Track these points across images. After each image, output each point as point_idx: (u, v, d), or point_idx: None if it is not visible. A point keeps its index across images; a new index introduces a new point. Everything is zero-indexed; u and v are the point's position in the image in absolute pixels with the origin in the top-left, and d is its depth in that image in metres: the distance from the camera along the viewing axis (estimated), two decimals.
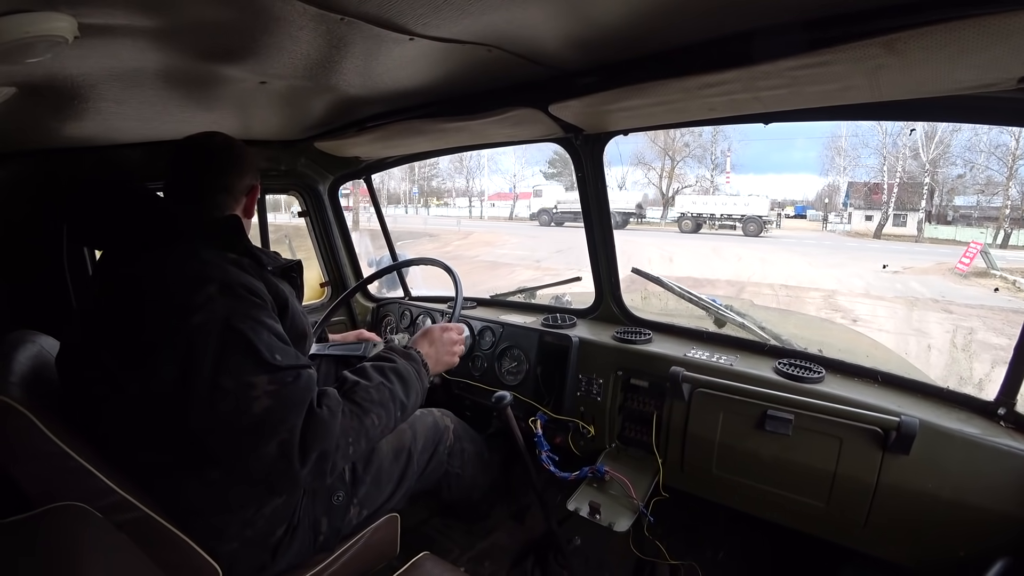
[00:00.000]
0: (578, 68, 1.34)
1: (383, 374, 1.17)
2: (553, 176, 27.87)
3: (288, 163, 2.29)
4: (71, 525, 0.83)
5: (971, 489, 1.18)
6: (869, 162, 21.01)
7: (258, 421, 0.94)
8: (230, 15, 0.88)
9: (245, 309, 1.00)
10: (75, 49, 0.88)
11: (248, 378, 0.95)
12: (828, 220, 21.96)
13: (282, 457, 0.94)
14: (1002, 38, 0.81)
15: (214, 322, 0.95)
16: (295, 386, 0.99)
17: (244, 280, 1.03)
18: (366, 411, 1.08)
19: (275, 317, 1.07)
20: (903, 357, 2.57)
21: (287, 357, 1.01)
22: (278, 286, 1.14)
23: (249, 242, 1.16)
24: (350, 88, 1.43)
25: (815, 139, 34.41)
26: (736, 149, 26.23)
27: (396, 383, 1.17)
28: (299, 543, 1.23)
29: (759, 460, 1.42)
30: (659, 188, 25.88)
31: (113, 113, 1.39)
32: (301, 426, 0.96)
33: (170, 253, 1.04)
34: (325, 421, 0.99)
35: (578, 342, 1.83)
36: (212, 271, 1.01)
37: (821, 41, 0.94)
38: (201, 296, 0.96)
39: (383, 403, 1.12)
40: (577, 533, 1.84)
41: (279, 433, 0.94)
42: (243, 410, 0.93)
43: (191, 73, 1.18)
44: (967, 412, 1.31)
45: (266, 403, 0.94)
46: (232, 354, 0.95)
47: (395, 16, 0.93)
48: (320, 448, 0.98)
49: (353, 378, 1.13)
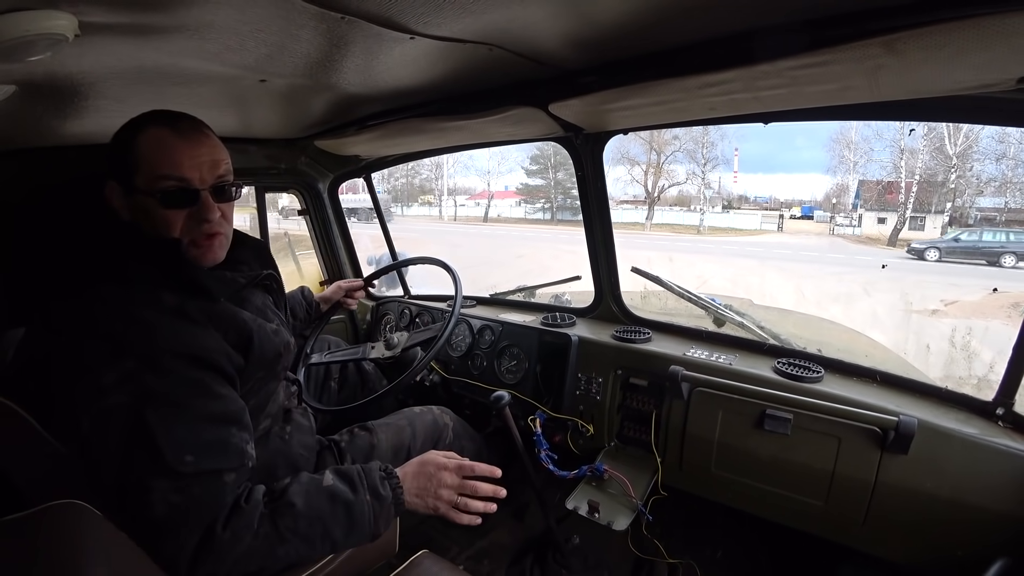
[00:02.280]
0: (578, 67, 1.34)
1: (332, 504, 0.99)
2: (536, 174, 25.97)
3: (288, 161, 2.29)
4: (71, 523, 0.83)
5: (969, 489, 1.19)
6: (883, 157, 17.28)
7: (154, 526, 0.84)
8: (231, 13, 0.88)
9: (166, 392, 0.87)
10: (75, 47, 0.88)
11: (148, 482, 0.84)
12: (836, 222, 19.43)
13: (171, 567, 0.85)
14: (1001, 38, 0.81)
15: (123, 410, 0.84)
16: (200, 499, 0.87)
17: (178, 344, 0.90)
18: (283, 540, 0.92)
19: (216, 388, 0.94)
20: (902, 357, 2.57)
21: (204, 458, 0.88)
22: (236, 316, 1.02)
23: (194, 271, 0.99)
24: (350, 87, 1.43)
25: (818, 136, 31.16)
26: (742, 147, 23.94)
27: (339, 522, 0.98)
28: None
29: (758, 459, 1.43)
30: (644, 186, 22.60)
31: (114, 111, 1.39)
32: (195, 544, 0.86)
33: (90, 296, 0.91)
34: (223, 546, 0.87)
35: (577, 341, 1.83)
36: (136, 337, 0.87)
37: (821, 41, 0.94)
38: (115, 373, 0.85)
39: (308, 538, 0.95)
40: (576, 532, 1.84)
41: (169, 547, 0.85)
42: (140, 511, 0.84)
43: (191, 71, 1.18)
44: (966, 412, 1.31)
45: (162, 511, 0.84)
46: (136, 451, 0.84)
47: (396, 15, 0.93)
48: (210, 569, 0.87)
49: (292, 497, 0.96)
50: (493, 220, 26.38)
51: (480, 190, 28.53)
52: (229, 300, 1.05)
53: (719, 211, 22.54)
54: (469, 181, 29.17)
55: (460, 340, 2.17)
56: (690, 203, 22.40)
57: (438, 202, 28.76)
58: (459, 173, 28.87)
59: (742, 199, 24.44)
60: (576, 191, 1.87)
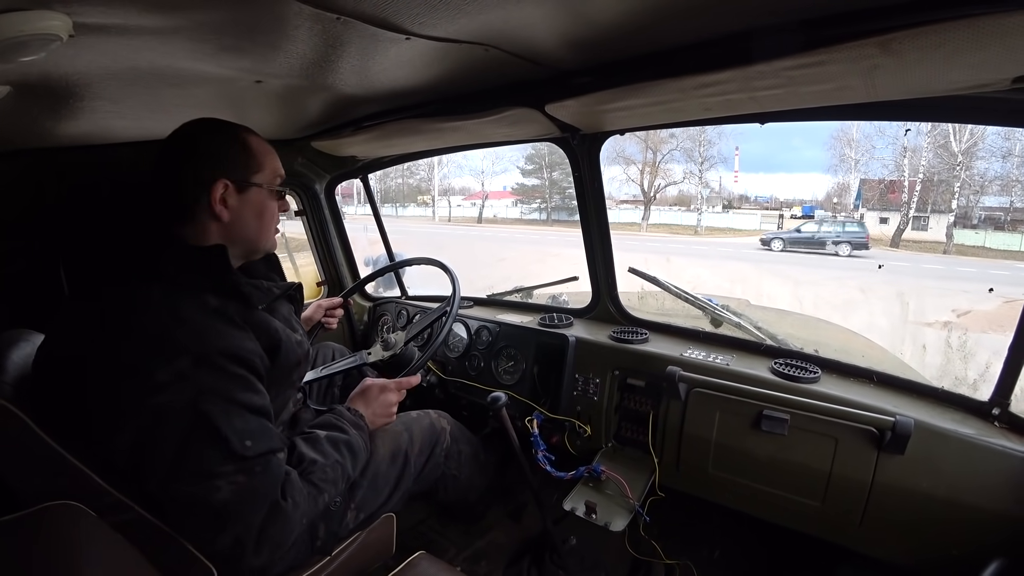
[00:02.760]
0: (575, 68, 1.34)
1: (338, 449, 1.15)
2: (531, 173, 24.66)
3: (284, 162, 2.27)
4: (67, 524, 0.82)
5: (966, 489, 1.19)
6: (885, 155, 16.36)
7: (216, 513, 0.88)
8: (226, 14, 0.88)
9: (219, 387, 0.92)
10: (70, 48, 0.87)
11: (212, 468, 0.88)
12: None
13: (236, 548, 0.90)
14: (996, 38, 0.81)
15: (181, 404, 0.88)
16: (263, 477, 0.93)
17: (224, 344, 0.94)
18: (321, 491, 1.07)
19: (257, 385, 0.99)
20: (898, 357, 2.57)
21: (259, 442, 0.94)
22: (270, 325, 1.08)
23: (237, 278, 1.05)
24: (346, 87, 1.43)
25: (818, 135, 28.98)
26: (743, 147, 22.85)
27: (348, 459, 1.16)
28: (296, 548, 1.22)
29: (755, 460, 1.43)
30: (640, 185, 21.45)
31: (108, 112, 1.38)
32: (262, 520, 0.92)
33: (142, 298, 0.94)
34: (288, 515, 0.95)
35: (575, 342, 1.83)
36: (187, 337, 0.91)
37: (816, 41, 0.94)
38: (169, 372, 0.88)
39: (335, 481, 1.12)
40: (573, 533, 1.84)
41: (237, 527, 0.89)
42: (201, 498, 0.87)
43: (187, 72, 1.18)
44: (962, 412, 1.32)
45: (227, 495, 0.88)
46: (197, 441, 0.88)
47: (391, 16, 0.93)
48: (277, 541, 0.94)
49: (311, 454, 1.09)
50: (489, 221, 25.36)
51: (478, 190, 27.25)
52: (263, 309, 1.11)
53: (719, 211, 21.74)
54: (466, 181, 27.90)
55: (457, 341, 2.17)
56: (690, 203, 21.46)
57: (432, 203, 27.70)
58: (453, 174, 27.44)
59: (743, 199, 23.42)
60: (572, 190, 1.87)
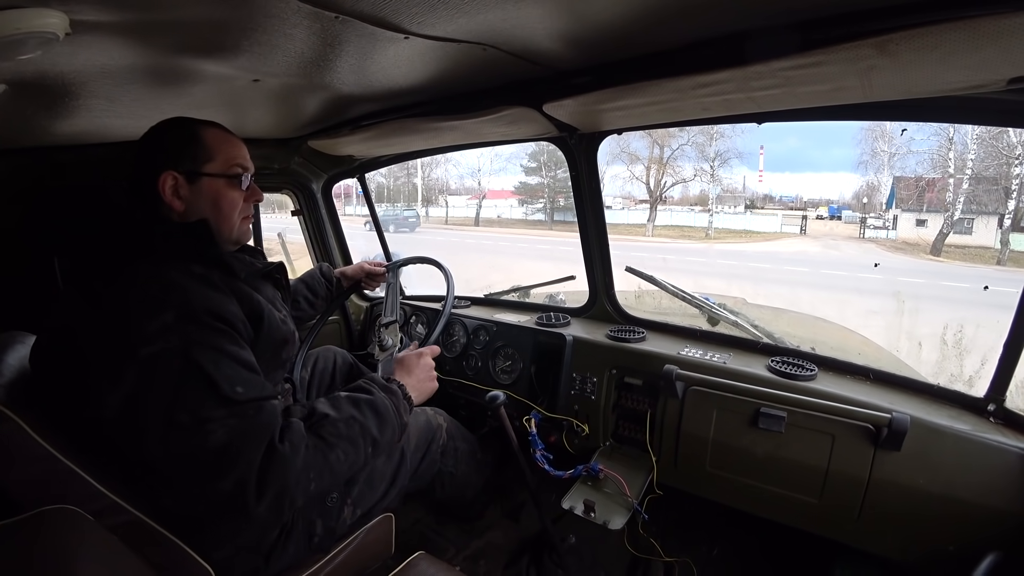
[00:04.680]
0: (572, 67, 1.34)
1: (357, 407, 1.12)
2: (535, 172, 21.72)
3: (281, 162, 2.27)
4: (64, 528, 0.82)
5: (961, 484, 1.20)
6: (924, 148, 12.55)
7: (214, 456, 0.89)
8: (223, 12, 0.87)
9: (206, 338, 0.94)
10: (66, 46, 0.87)
11: (205, 412, 0.90)
12: (867, 224, 15.38)
13: (238, 494, 0.90)
14: (992, 40, 0.82)
15: (170, 353, 0.90)
16: (256, 419, 0.94)
17: (208, 303, 0.97)
18: (331, 446, 1.03)
19: (241, 343, 1.02)
20: (894, 354, 2.59)
21: (250, 388, 0.96)
22: (252, 296, 1.10)
23: (219, 249, 1.11)
24: (344, 86, 1.43)
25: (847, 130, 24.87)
26: (768, 145, 20.00)
27: (370, 418, 1.11)
28: (294, 546, 1.22)
29: (752, 457, 1.44)
30: (645, 184, 18.84)
31: (104, 111, 1.38)
32: (260, 461, 0.91)
33: (129, 272, 0.98)
34: (286, 457, 0.94)
35: (572, 341, 1.84)
36: (171, 295, 0.94)
37: (813, 42, 0.95)
38: (155, 325, 0.90)
39: (351, 439, 1.06)
40: (572, 531, 1.84)
41: (236, 469, 0.90)
42: (199, 444, 0.89)
43: (184, 71, 1.18)
44: (957, 408, 1.33)
45: (223, 438, 0.90)
46: (189, 388, 0.90)
47: (390, 15, 0.93)
48: (279, 485, 0.93)
49: (322, 410, 1.08)
50: (493, 223, 22.76)
51: (485, 190, 24.38)
52: (245, 283, 1.13)
53: (740, 211, 19.31)
54: (471, 181, 25.91)
55: (455, 340, 2.17)
56: (707, 202, 18.68)
57: (425, 204, 24.62)
58: (448, 172, 24.59)
59: (767, 198, 20.85)
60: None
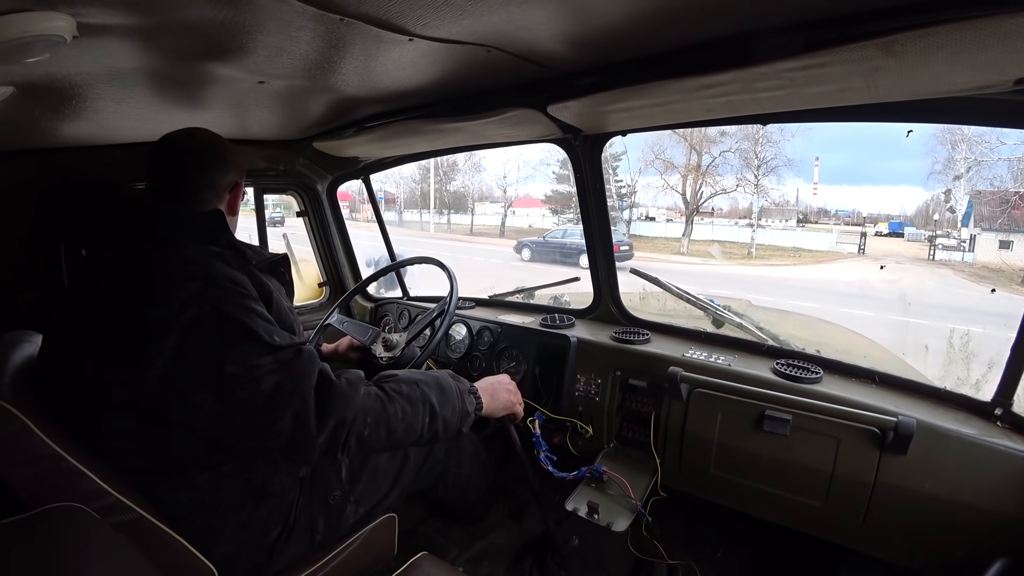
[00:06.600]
0: (577, 69, 1.34)
1: (422, 377, 1.18)
2: (565, 180, 17.66)
3: (286, 163, 2.28)
4: (68, 526, 0.83)
5: (968, 489, 1.19)
6: (1012, 154, 9.40)
7: (270, 397, 0.95)
8: (229, 15, 0.88)
9: (234, 299, 1.00)
10: (73, 49, 0.88)
11: (252, 361, 0.96)
12: (936, 243, 11.84)
13: (299, 427, 0.96)
14: (998, 40, 0.81)
15: (206, 314, 0.96)
16: (299, 360, 1.00)
17: (228, 273, 1.03)
18: (391, 399, 1.08)
19: (263, 307, 1.08)
20: (900, 357, 2.57)
21: (284, 338, 1.02)
22: (263, 280, 1.15)
23: (232, 236, 1.18)
24: (349, 88, 1.43)
25: (914, 139, 22.61)
26: (824, 156, 15.67)
27: (432, 389, 1.16)
28: (296, 544, 1.22)
29: (757, 460, 1.43)
30: (681, 194, 15.40)
31: (111, 113, 1.39)
32: (314, 394, 0.98)
33: (153, 251, 1.04)
34: (342, 390, 1.01)
35: (576, 342, 1.83)
36: (196, 267, 1.01)
37: (818, 43, 0.94)
38: (184, 292, 0.96)
39: (411, 399, 1.11)
40: (575, 533, 1.84)
41: (293, 404, 0.96)
42: (253, 391, 0.94)
43: (190, 73, 1.18)
44: (964, 412, 1.32)
45: (274, 380, 0.96)
46: (232, 341, 0.96)
47: (394, 17, 0.94)
48: (338, 415, 0.99)
49: (388, 372, 1.17)
50: (523, 232, 18.40)
51: (517, 197, 20.12)
52: (256, 268, 1.18)
53: (792, 225, 15.83)
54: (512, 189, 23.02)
55: (459, 342, 2.17)
56: (761, 215, 14.90)
57: (447, 211, 20.56)
58: (476, 180, 22.23)
59: (822, 212, 19.52)
60: (615, 196, 1.83)
